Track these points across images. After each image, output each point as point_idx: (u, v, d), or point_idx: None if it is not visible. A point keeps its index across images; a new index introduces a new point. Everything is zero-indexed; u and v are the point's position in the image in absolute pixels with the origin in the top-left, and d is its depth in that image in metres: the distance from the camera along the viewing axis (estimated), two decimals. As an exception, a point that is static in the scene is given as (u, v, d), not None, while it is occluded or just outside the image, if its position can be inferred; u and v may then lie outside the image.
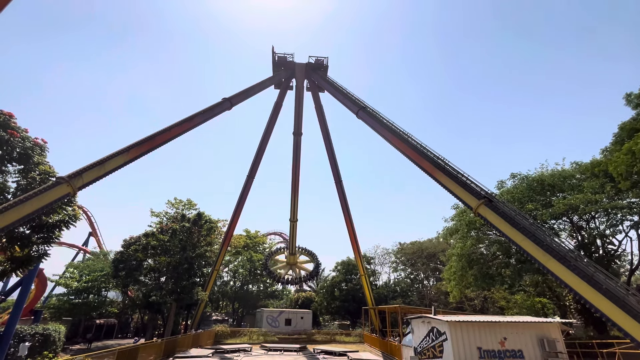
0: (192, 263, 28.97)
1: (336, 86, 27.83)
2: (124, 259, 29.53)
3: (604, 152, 23.49)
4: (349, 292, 46.84)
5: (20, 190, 13.55)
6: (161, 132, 18.52)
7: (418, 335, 18.93)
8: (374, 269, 57.30)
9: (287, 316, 40.67)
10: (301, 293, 57.61)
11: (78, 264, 40.92)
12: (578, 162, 27.10)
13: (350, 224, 36.53)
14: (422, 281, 56.14)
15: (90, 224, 56.33)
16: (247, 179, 34.66)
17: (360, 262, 36.92)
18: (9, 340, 16.60)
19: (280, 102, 31.84)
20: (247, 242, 52.77)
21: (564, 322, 18.03)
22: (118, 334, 39.65)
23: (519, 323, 16.83)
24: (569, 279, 10.93)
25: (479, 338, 15.95)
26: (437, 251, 50.90)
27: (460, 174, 16.42)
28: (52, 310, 34.32)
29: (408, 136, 19.87)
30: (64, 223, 14.63)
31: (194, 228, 30.92)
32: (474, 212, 14.96)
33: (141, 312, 36.64)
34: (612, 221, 23.25)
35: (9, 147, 13.50)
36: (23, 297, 18.15)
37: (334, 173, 36.01)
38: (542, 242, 12.04)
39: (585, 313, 26.14)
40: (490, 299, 40.88)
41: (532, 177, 27.53)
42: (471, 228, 27.86)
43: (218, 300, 51.22)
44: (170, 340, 23.32)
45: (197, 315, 33.62)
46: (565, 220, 25.83)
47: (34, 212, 11.74)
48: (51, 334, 20.35)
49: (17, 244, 13.54)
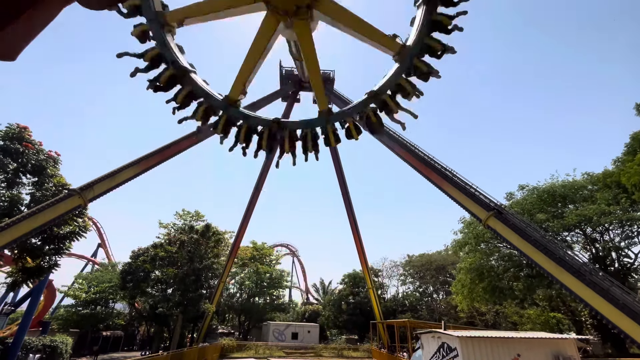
0: (199, 275, 28.94)
1: (343, 99, 28.11)
2: (132, 270, 29.66)
3: (616, 162, 23.09)
4: (357, 306, 46.02)
5: (34, 202, 13.86)
6: (170, 145, 18.84)
7: (428, 351, 18.43)
8: (381, 281, 56.37)
9: (293, 330, 40.08)
10: (308, 306, 56.85)
11: (87, 275, 41.22)
12: (589, 173, 26.67)
13: (358, 236, 36.26)
14: (432, 295, 54.94)
15: (100, 235, 56.95)
16: (254, 191, 34.87)
17: (368, 275, 36.45)
18: (17, 351, 16.67)
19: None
20: (253, 253, 52.59)
21: (580, 338, 17.41)
22: (124, 347, 39.41)
23: (533, 339, 16.30)
24: (583, 293, 10.62)
25: (492, 354, 15.46)
26: (447, 264, 49.95)
27: (468, 185, 16.27)
28: (60, 321, 34.44)
29: (415, 147, 19.86)
30: (75, 234, 14.87)
31: (202, 240, 31.02)
32: (484, 224, 14.74)
33: (147, 324, 36.49)
34: (627, 233, 22.66)
35: (24, 159, 13.90)
36: (32, 308, 18.32)
37: (341, 185, 36.02)
38: (555, 254, 11.77)
39: (602, 329, 25.21)
40: (502, 314, 39.77)
41: (542, 188, 27.11)
42: (480, 241, 27.39)
43: (224, 312, 50.78)
44: (177, 353, 23.11)
45: (203, 328, 33.35)
46: (579, 232, 25.26)
47: (47, 224, 11.97)
48: (58, 345, 20.38)
49: (29, 254, 13.77)
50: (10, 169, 13.69)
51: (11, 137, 13.85)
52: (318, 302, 61.36)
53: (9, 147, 13.56)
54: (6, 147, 13.55)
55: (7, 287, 14.25)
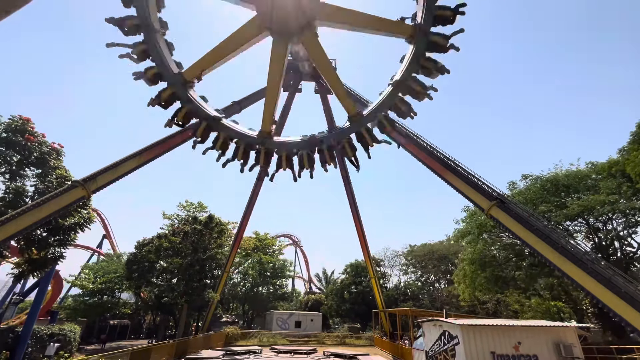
0: (203, 265, 29.27)
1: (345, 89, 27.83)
2: (137, 260, 30.04)
3: (622, 151, 22.83)
4: (359, 295, 46.52)
5: (37, 194, 13.96)
6: (173, 135, 18.80)
7: (429, 339, 18.66)
8: (383, 271, 56.73)
9: (297, 318, 40.66)
10: (311, 295, 57.54)
11: (93, 266, 41.80)
12: (594, 162, 26.39)
13: (360, 226, 36.36)
14: (433, 284, 55.35)
15: (104, 226, 57.50)
16: (256, 182, 34.90)
17: (370, 265, 36.68)
18: (26, 340, 17.05)
19: (289, 105, 31.98)
20: (256, 244, 53.02)
21: (580, 326, 17.52)
22: (131, 335, 40.20)
23: (534, 327, 16.44)
24: (586, 282, 10.66)
25: (492, 342, 15.63)
26: (449, 253, 50.13)
27: (471, 174, 16.19)
28: (68, 311, 35.11)
29: (417, 137, 19.70)
30: (79, 226, 15.01)
31: (205, 230, 31.26)
32: (486, 214, 14.72)
33: (153, 313, 37.13)
34: (630, 222, 22.57)
35: (27, 151, 13.94)
36: (40, 298, 18.63)
37: (343, 174, 35.95)
38: (558, 244, 11.78)
39: (603, 317, 25.35)
40: (503, 303, 40.07)
41: (546, 177, 26.91)
42: (482, 230, 27.39)
43: (228, 302, 51.53)
44: (182, 341, 23.57)
45: (207, 316, 33.89)
46: (581, 221, 25.16)
47: (51, 215, 12.09)
48: (67, 334, 20.82)
49: (35, 246, 13.94)
50: (14, 161, 13.76)
51: (14, 129, 13.87)
52: (321, 291, 62.06)
53: (12, 139, 13.59)
54: (9, 139, 13.59)
55: (14, 278, 14.47)
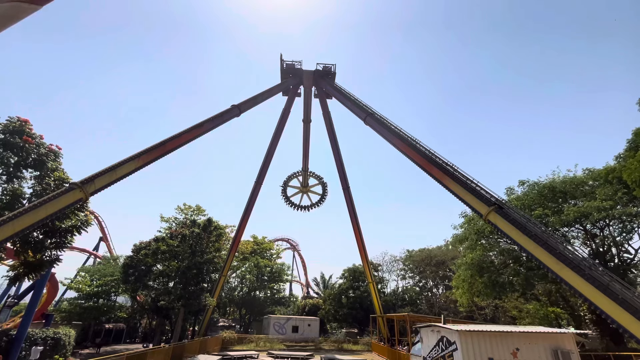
0: (200, 268, 29.12)
1: (344, 93, 27.98)
2: (134, 263, 29.86)
3: (618, 158, 23.00)
4: (357, 300, 46.31)
5: (35, 196, 13.88)
6: (171, 138, 18.84)
7: (427, 345, 18.58)
8: (381, 276, 56.64)
9: (294, 323, 40.39)
10: (308, 300, 57.21)
11: (89, 268, 41.49)
12: (590, 169, 26.57)
13: (358, 231, 36.34)
14: (431, 289, 55.28)
15: (101, 229, 57.18)
16: (255, 185, 34.90)
17: (368, 269, 36.59)
18: (20, 343, 16.86)
19: (288, 109, 32.12)
20: (254, 248, 52.87)
21: (578, 333, 17.49)
22: (126, 339, 39.84)
23: (532, 333, 16.40)
24: (583, 288, 10.67)
25: (490, 348, 15.58)
26: (446, 259, 50.13)
27: (469, 180, 16.27)
28: (63, 314, 34.77)
29: (416, 142, 19.80)
30: (76, 228, 14.91)
31: (203, 234, 31.15)
32: (484, 219, 14.77)
33: (149, 317, 36.82)
34: (627, 228, 22.67)
35: (24, 153, 13.88)
36: (35, 300, 18.48)
37: (342, 179, 36.02)
38: (555, 249, 11.81)
39: (601, 324, 25.33)
40: (501, 308, 40.00)
41: (543, 183, 27.04)
42: (480, 236, 27.43)
43: (225, 306, 51.22)
44: (178, 345, 23.35)
45: (204, 321, 33.65)
46: (579, 227, 25.25)
47: (48, 217, 12.01)
48: (61, 337, 20.59)
49: (31, 248, 13.83)
50: (12, 162, 13.70)
51: (12, 130, 13.83)
52: (318, 296, 61.73)
53: (10, 140, 13.54)
54: (7, 140, 13.53)
55: (9, 280, 14.33)
